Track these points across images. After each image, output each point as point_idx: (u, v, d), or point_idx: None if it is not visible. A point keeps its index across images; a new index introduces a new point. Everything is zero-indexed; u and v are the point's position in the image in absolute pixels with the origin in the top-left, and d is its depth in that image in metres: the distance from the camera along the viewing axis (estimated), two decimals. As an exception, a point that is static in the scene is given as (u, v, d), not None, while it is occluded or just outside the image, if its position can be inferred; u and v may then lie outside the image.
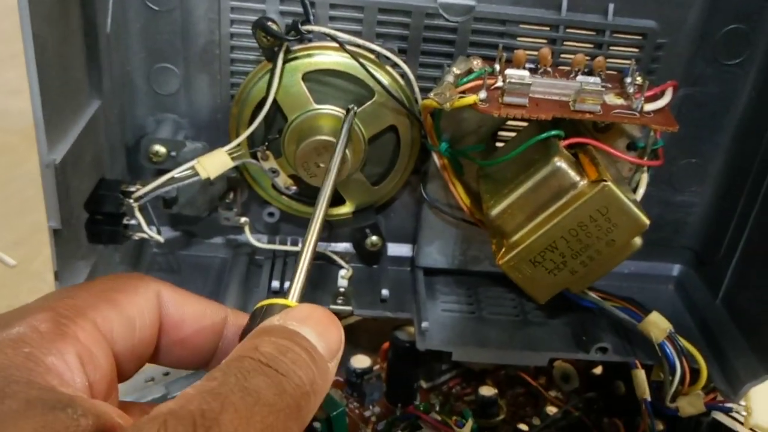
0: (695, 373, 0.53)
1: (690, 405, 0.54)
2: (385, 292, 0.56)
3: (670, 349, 0.53)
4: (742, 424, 0.56)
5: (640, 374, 0.53)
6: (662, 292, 0.63)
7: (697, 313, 0.59)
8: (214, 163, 0.49)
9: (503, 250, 0.47)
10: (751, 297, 0.54)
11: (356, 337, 0.65)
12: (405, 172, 0.55)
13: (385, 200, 0.57)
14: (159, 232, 0.50)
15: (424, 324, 0.53)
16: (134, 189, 0.49)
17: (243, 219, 0.54)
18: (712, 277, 0.59)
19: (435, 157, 0.52)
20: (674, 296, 0.62)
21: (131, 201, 0.49)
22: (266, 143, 0.52)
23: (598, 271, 0.48)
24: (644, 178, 0.50)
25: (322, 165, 0.51)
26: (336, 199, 0.56)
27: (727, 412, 0.56)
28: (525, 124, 0.51)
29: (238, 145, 0.51)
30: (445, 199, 0.55)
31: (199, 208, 0.54)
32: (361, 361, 0.62)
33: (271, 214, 0.57)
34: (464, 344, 0.55)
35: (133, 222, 0.49)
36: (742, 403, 0.55)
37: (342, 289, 0.56)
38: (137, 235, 0.50)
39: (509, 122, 0.53)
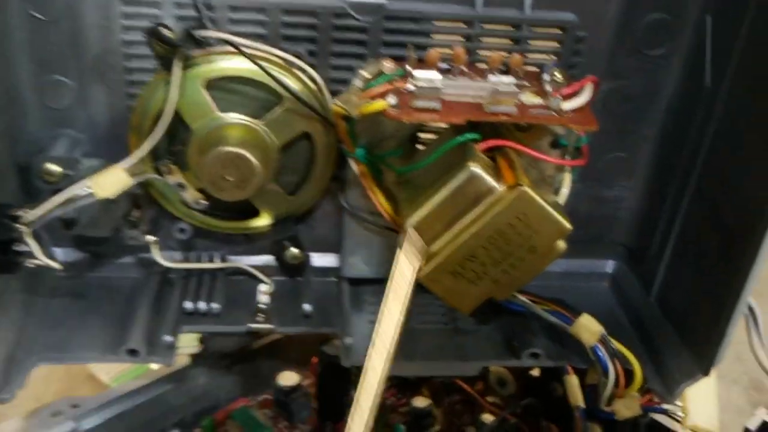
0: (630, 374, 0.51)
1: (626, 408, 0.52)
2: (307, 306, 0.53)
3: (602, 352, 0.51)
4: (680, 423, 0.55)
5: (573, 381, 0.52)
6: (597, 290, 0.61)
7: (632, 310, 0.58)
8: (111, 182, 0.46)
9: (423, 262, 0.44)
10: (683, 293, 0.53)
11: (284, 353, 0.63)
12: (323, 180, 0.53)
13: (304, 210, 0.54)
14: (54, 258, 0.47)
15: (348, 340, 0.51)
16: (24, 213, 0.45)
17: (150, 237, 0.51)
18: (646, 273, 0.57)
19: (352, 163, 0.50)
20: (609, 293, 0.61)
21: (22, 226, 0.45)
22: (170, 156, 0.49)
23: (523, 278, 0.46)
24: (567, 178, 0.49)
25: (229, 178, 0.47)
26: (251, 211, 0.53)
27: (664, 413, 0.55)
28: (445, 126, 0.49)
29: (140, 159, 0.48)
30: (367, 207, 0.52)
31: (102, 228, 0.50)
32: (288, 378, 0.60)
33: (181, 230, 0.54)
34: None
35: (26, 248, 0.46)
36: (679, 403, 0.54)
37: (262, 306, 0.54)
38: (31, 263, 0.46)
39: (430, 124, 0.51)
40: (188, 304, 0.52)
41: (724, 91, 0.48)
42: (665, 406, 0.54)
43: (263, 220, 0.54)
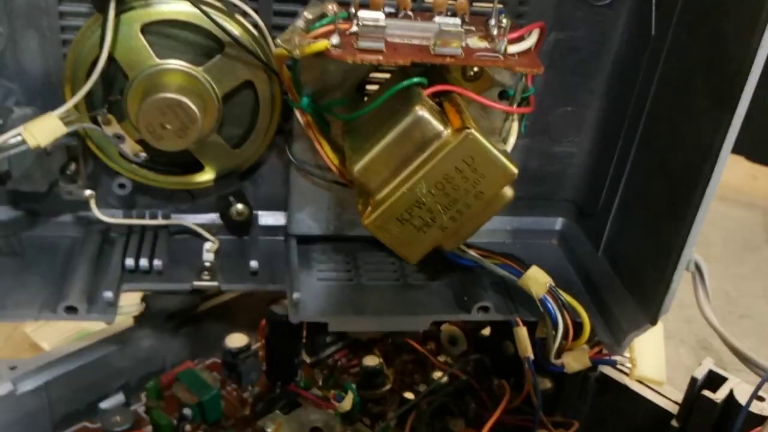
0: (579, 326, 0.51)
1: (575, 360, 0.52)
2: (254, 263, 0.52)
3: (551, 303, 0.51)
4: (627, 375, 0.55)
5: (522, 332, 0.52)
6: (546, 247, 0.61)
7: (581, 266, 0.58)
8: (44, 129, 0.44)
9: (369, 209, 0.44)
10: (630, 246, 0.53)
11: (233, 315, 0.61)
12: (268, 133, 0.51)
13: (249, 164, 0.53)
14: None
15: (296, 295, 0.50)
16: (-49, 162, 0.43)
17: (88, 192, 0.49)
18: (594, 229, 0.57)
19: (297, 114, 0.48)
20: (558, 250, 0.61)
21: (-51, 177, 0.43)
22: (106, 105, 0.47)
23: (470, 226, 0.45)
24: (514, 127, 0.48)
25: (168, 126, 0.46)
26: (194, 165, 0.52)
27: (613, 365, 0.55)
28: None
29: (75, 108, 0.46)
30: (314, 160, 0.51)
31: (37, 182, 0.48)
32: (236, 340, 0.58)
33: (121, 186, 0.52)
34: (341, 314, 0.51)
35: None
36: (627, 355, 0.54)
37: (207, 264, 0.52)
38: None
39: (376, 74, 0.50)
40: (130, 262, 0.50)
41: (669, 41, 0.48)
42: (614, 358, 0.54)
43: (207, 175, 0.52)
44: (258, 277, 0.52)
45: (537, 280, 0.50)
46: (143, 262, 0.50)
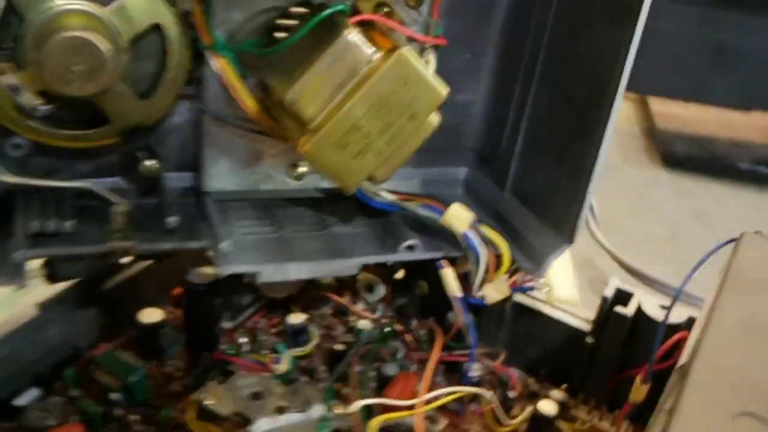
0: (499, 259, 0.53)
1: (496, 291, 0.54)
2: (171, 220, 0.49)
3: (473, 238, 0.52)
4: (542, 301, 0.58)
5: (448, 273, 0.52)
6: (453, 196, 0.62)
7: (490, 208, 0.59)
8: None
9: (305, 137, 0.43)
10: (537, 178, 0.56)
11: (142, 289, 0.58)
12: (177, 81, 0.49)
13: (158, 117, 0.50)
14: None
15: (224, 244, 0.48)
16: None
17: (-17, 151, 0.45)
18: (498, 172, 0.60)
19: (211, 58, 0.47)
20: (465, 198, 0.62)
21: None
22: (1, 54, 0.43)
23: (401, 154, 0.46)
24: (432, 60, 0.50)
25: (75, 69, 0.43)
26: (98, 119, 0.48)
27: (528, 291, 0.57)
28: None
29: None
30: (229, 109, 0.50)
31: None
32: (151, 315, 0.55)
33: (17, 146, 0.47)
34: (271, 264, 0.50)
35: None
36: (542, 281, 0.57)
37: (118, 226, 0.49)
38: None
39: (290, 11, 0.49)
40: (35, 224, 0.46)
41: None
42: (530, 286, 0.56)
43: (112, 132, 0.49)
44: (176, 235, 0.49)
45: (459, 217, 0.52)
46: (51, 225, 0.46)
